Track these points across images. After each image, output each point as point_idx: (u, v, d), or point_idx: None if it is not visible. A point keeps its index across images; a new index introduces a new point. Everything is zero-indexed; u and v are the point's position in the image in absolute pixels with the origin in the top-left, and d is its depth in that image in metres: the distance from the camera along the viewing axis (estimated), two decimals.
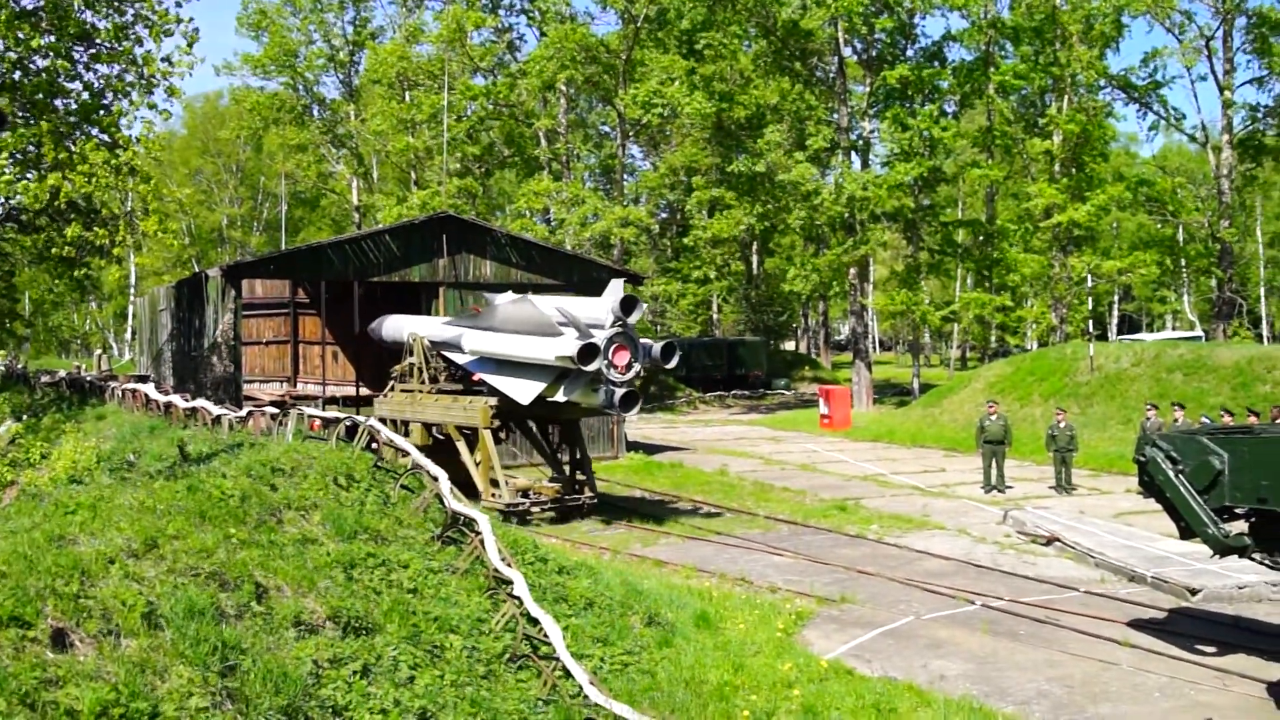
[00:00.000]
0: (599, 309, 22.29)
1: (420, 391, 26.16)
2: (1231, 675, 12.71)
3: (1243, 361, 34.73)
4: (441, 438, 25.70)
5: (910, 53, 52.77)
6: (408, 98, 60.18)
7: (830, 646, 13.89)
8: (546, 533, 21.28)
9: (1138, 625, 14.87)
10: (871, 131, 53.93)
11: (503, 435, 25.15)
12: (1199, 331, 61.65)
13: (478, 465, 24.21)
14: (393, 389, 27.30)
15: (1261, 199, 67.04)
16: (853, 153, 53.04)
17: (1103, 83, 53.34)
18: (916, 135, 48.05)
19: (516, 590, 11.28)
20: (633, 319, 22.06)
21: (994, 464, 27.14)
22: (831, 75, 55.67)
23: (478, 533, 12.29)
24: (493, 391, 24.07)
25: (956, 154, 50.70)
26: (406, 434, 25.43)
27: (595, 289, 30.09)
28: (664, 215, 67.31)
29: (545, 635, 10.66)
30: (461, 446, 24.51)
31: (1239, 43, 51.87)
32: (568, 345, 21.50)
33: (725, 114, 53.01)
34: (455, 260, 31.86)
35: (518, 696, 10.03)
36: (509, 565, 11.76)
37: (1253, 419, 24.90)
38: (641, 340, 22.36)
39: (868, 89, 53.03)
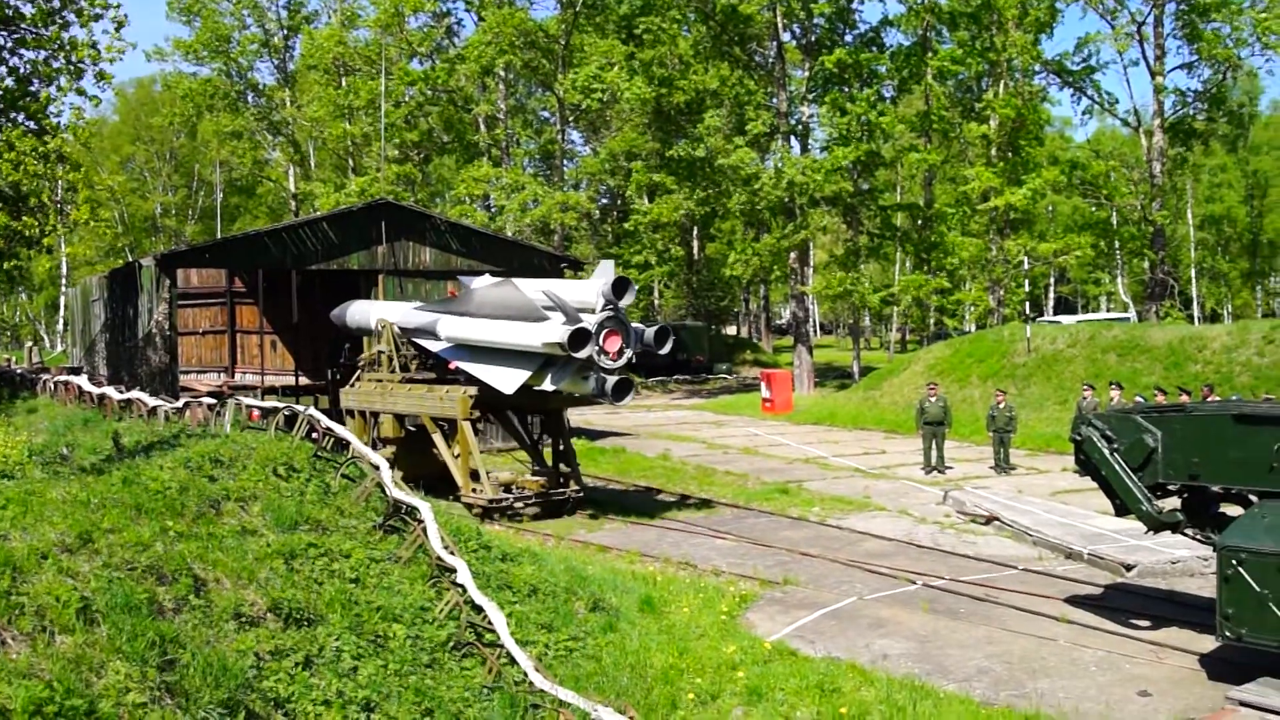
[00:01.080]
0: (587, 291, 21.29)
1: (391, 381, 24.90)
2: (1165, 648, 12.95)
3: (1175, 341, 35.34)
4: (413, 429, 24.94)
5: (849, 38, 52.98)
6: (344, 84, 59.57)
7: (774, 628, 13.98)
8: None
9: (1075, 601, 15.11)
10: (810, 116, 54.11)
11: (480, 426, 24.19)
12: (1130, 314, 62.66)
13: (456, 459, 23.00)
14: (359, 378, 26.09)
15: (1192, 182, 68.18)
16: (792, 137, 53.24)
17: (1038, 68, 54.00)
18: (855, 120, 48.32)
19: (460, 578, 11.24)
20: (624, 302, 21.01)
21: (934, 445, 27.44)
22: (770, 60, 55.84)
23: (420, 521, 12.23)
24: (470, 380, 22.86)
25: (895, 138, 51.06)
26: (376, 426, 24.93)
27: (535, 275, 30.04)
28: (604, 201, 67.26)
29: (489, 623, 10.63)
30: (438, 439, 23.49)
31: (1169, 28, 52.67)
32: (555, 331, 20.38)
33: (665, 99, 53.06)
34: (394, 248, 31.60)
35: (462, 684, 10.00)
36: (452, 553, 11.71)
37: (1184, 398, 25.38)
38: (633, 325, 21.41)
39: (806, 74, 53.22)
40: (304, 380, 37.35)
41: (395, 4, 55.80)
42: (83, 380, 26.13)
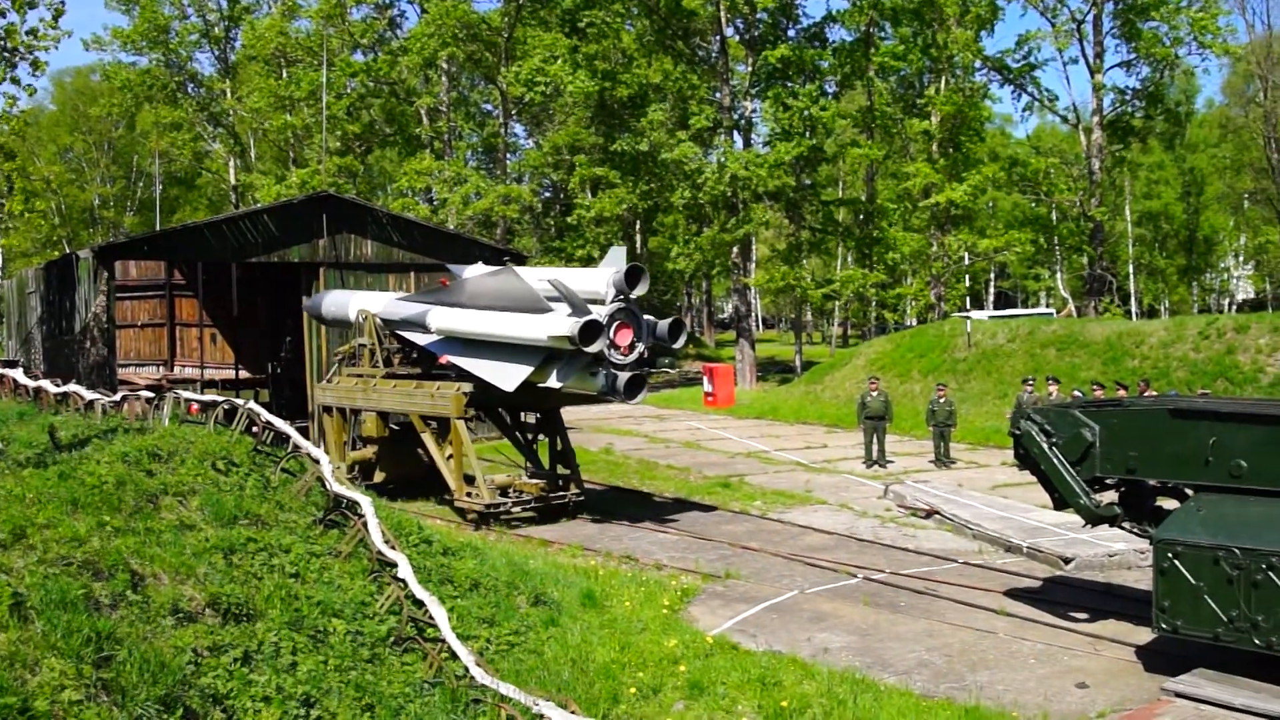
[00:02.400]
0: (596, 280, 19.67)
1: (374, 376, 23.32)
2: (1103, 640, 13.14)
3: (1113, 336, 35.85)
4: (396, 428, 23.81)
5: (792, 33, 53.26)
6: (285, 75, 58.92)
7: (715, 622, 14.02)
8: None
9: (1014, 594, 15.28)
10: (753, 111, 54.38)
11: (471, 425, 22.30)
12: (1051, 309, 63.46)
13: (448, 460, 21.50)
14: (337, 373, 24.73)
15: (1130, 179, 69.13)
16: (735, 132, 53.43)
17: (979, 64, 54.60)
18: (797, 115, 48.57)
19: (401, 573, 11.16)
20: (638, 292, 19.54)
21: (875, 439, 27.63)
22: (714, 55, 55.96)
23: (360, 515, 12.12)
24: (462, 376, 21.27)
25: (837, 134, 51.41)
26: (357, 423, 24.00)
27: None
28: (547, 194, 67.06)
29: (430, 617, 10.57)
30: (428, 438, 21.91)
31: (1108, 27, 53.42)
32: (563, 323, 18.84)
33: (608, 93, 52.97)
34: (335, 240, 31.32)
35: (403, 679, 9.93)
36: (393, 548, 11.63)
37: (1122, 392, 25.74)
38: (645, 317, 19.93)
39: (749, 69, 53.42)
40: (244, 374, 36.91)
41: None
42: (18, 373, 25.62)
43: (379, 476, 23.90)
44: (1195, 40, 50.22)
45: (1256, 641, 10.71)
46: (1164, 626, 11.45)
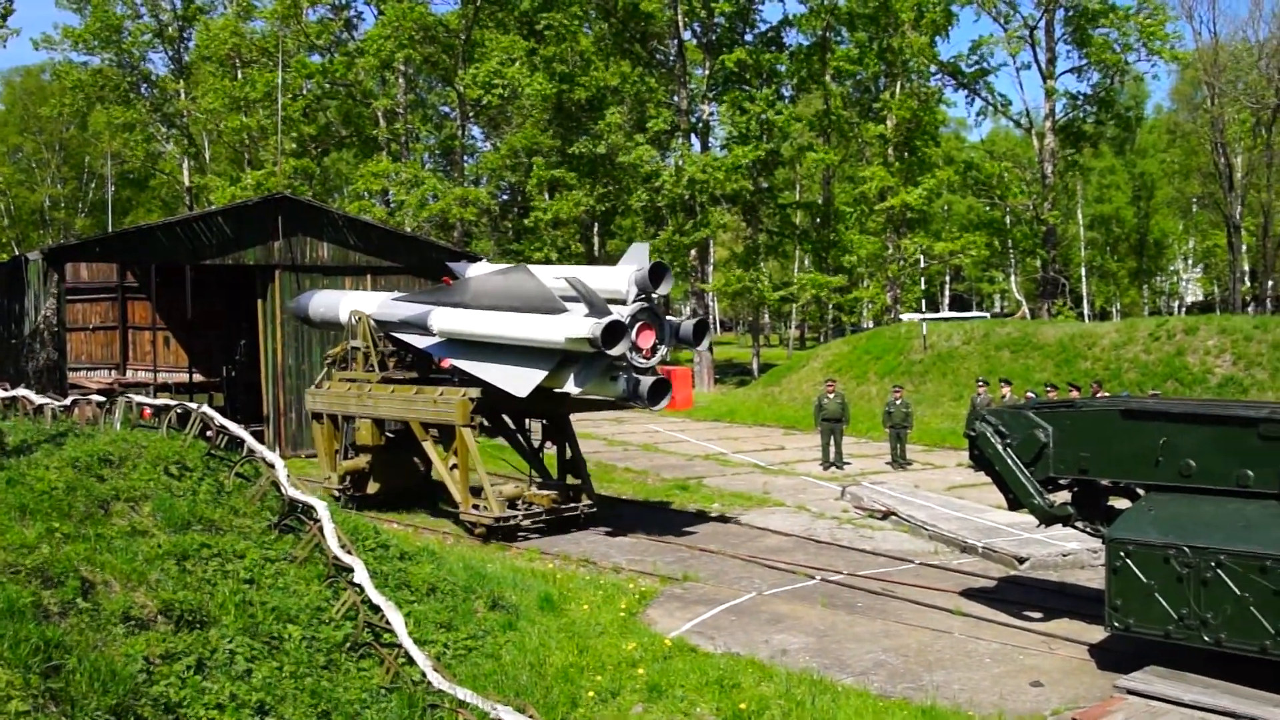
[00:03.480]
0: (616, 279, 18.54)
1: (369, 381, 22.09)
2: (1057, 639, 13.24)
3: (1065, 338, 36.23)
4: (391, 435, 22.63)
5: (749, 37, 53.46)
6: (240, 75, 58.41)
7: (674, 625, 14.01)
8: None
9: (969, 594, 15.38)
10: (711, 114, 54.51)
11: (476, 433, 20.89)
12: (985, 312, 64.03)
13: (452, 470, 20.25)
14: (327, 377, 23.54)
15: (1082, 183, 69.85)
16: (692, 135, 53.56)
17: (933, 69, 55.06)
18: (754, 119, 48.76)
19: (357, 577, 11.08)
20: (662, 291, 18.46)
21: (832, 441, 27.74)
22: (671, 58, 56.06)
23: (316, 520, 12.03)
24: (466, 381, 20.10)
25: (794, 137, 51.62)
26: (350, 431, 22.93)
27: (434, 271, 29.79)
28: (505, 197, 66.81)
29: (387, 622, 10.50)
30: (430, 448, 20.76)
31: (1060, 33, 54.03)
32: (583, 324, 17.60)
33: (566, 95, 52.95)
34: (291, 243, 31.10)
35: (359, 685, 9.86)
36: (349, 552, 11.54)
37: (1074, 393, 26.01)
38: (667, 318, 18.93)
39: (707, 72, 53.56)
40: (198, 378, 36.55)
41: None
42: None
43: (373, 487, 22.89)
44: (1144, 47, 50.99)
45: (1206, 638, 10.85)
46: (1116, 625, 11.56)
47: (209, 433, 15.06)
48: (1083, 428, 12.71)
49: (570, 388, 18.45)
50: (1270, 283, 57.11)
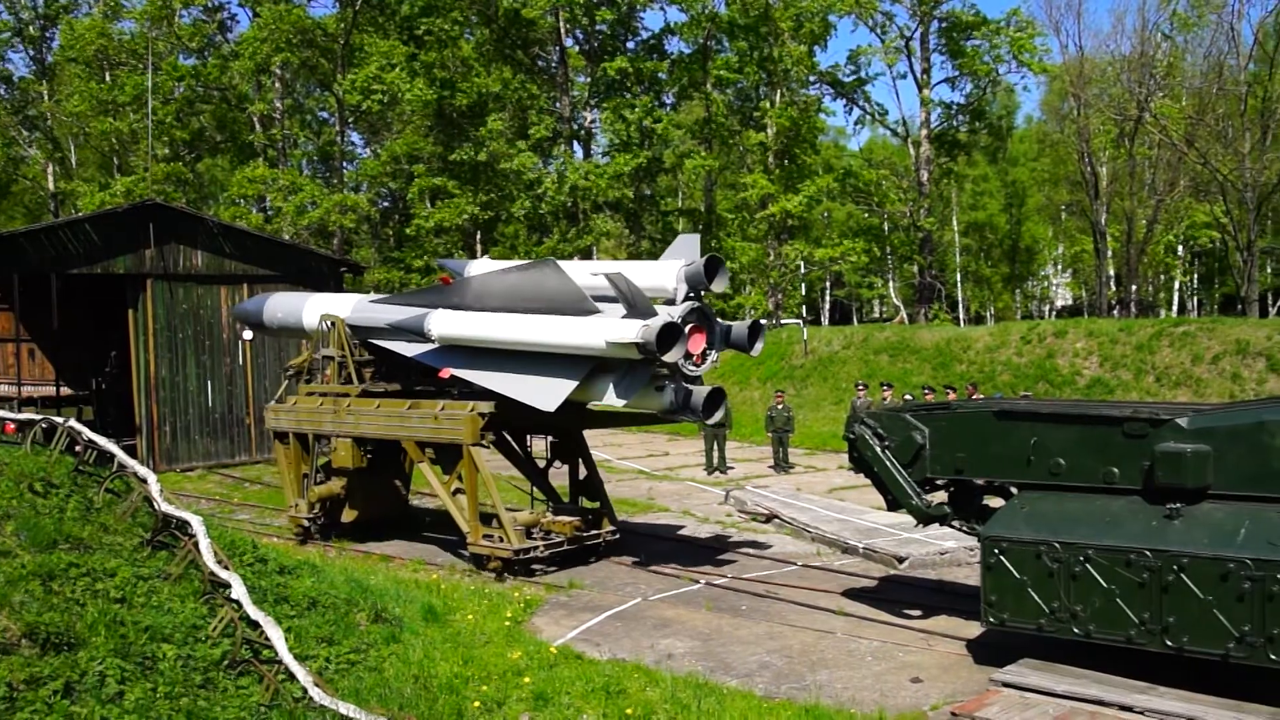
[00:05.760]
0: (662, 275, 16.17)
1: (348, 395, 19.34)
2: (936, 636, 13.53)
3: (942, 342, 37.07)
4: (369, 453, 19.75)
5: (631, 44, 53.70)
6: (108, 78, 56.76)
7: (560, 632, 13.99)
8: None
9: (851, 594, 15.62)
10: (593, 122, 54.60)
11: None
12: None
13: (456, 496, 17.91)
14: (291, 390, 21.01)
15: (957, 191, 71.49)
16: (575, 142, 53.58)
17: (812, 78, 55.92)
18: (635, 126, 48.98)
19: (235, 593, 10.83)
20: (716, 288, 16.21)
21: (715, 446, 27.95)
22: (553, 65, 56.03)
23: (191, 535, 11.73)
24: (466, 394, 17.64)
25: (675, 144, 51.96)
26: (320, 452, 20.23)
27: (313, 280, 29.32)
28: (385, 204, 66.02)
29: (266, 639, 10.29)
30: (428, 471, 18.23)
31: (934, 44, 55.32)
32: (628, 327, 15.15)
33: (447, 102, 52.53)
34: (164, 251, 30.32)
35: (238, 704, 9.64)
36: (226, 567, 11.28)
37: (951, 395, 26.63)
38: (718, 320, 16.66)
39: (589, 79, 53.62)
40: (65, 391, 35.33)
41: None
42: None
43: (349, 515, 20.74)
44: (1015, 59, 52.45)
45: (1076, 630, 11.19)
46: (992, 620, 11.85)
47: (77, 448, 14.59)
48: (958, 429, 13.01)
49: (611, 400, 16.02)
50: (1134, 287, 59.13)
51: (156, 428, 30.53)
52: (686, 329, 15.54)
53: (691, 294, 15.96)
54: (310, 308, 20.71)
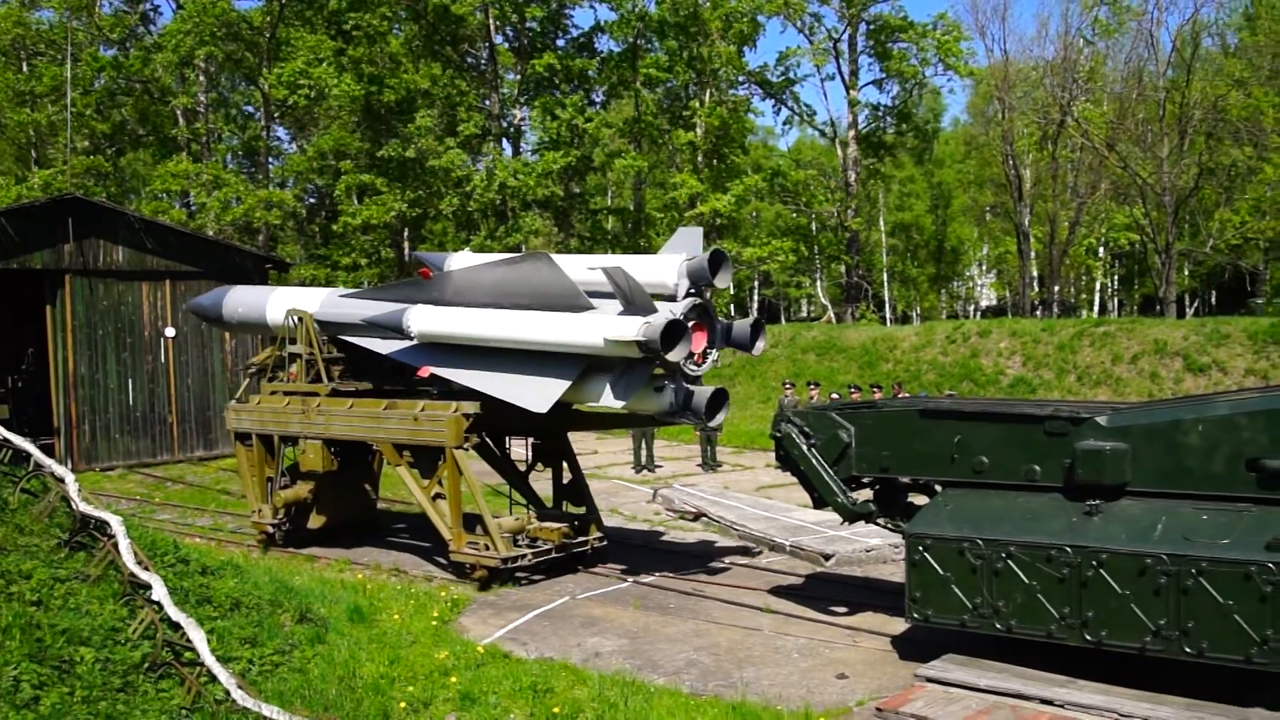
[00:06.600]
0: (663, 269, 15.35)
1: (318, 394, 18.43)
2: (861, 632, 13.66)
3: (868, 342, 37.45)
4: (335, 454, 18.66)
5: (561, 42, 53.56)
6: (25, 68, 55.48)
7: (487, 631, 13.94)
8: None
9: (778, 592, 15.73)
10: (522, 119, 54.42)
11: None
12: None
13: (436, 502, 17.07)
14: (252, 389, 20.22)
15: (884, 192, 72.24)
16: (504, 140, 53.38)
17: (741, 78, 56.19)
18: (565, 124, 48.90)
19: (155, 595, 10.66)
20: (720, 284, 15.44)
21: (643, 445, 28.00)
22: (483, 62, 55.75)
23: (110, 536, 11.52)
24: (449, 394, 17.06)
25: (604, 143, 51.95)
26: (283, 455, 19.53)
27: (238, 277, 28.88)
28: (312, 200, 65.25)
29: (188, 640, 10.15)
30: (406, 474, 17.35)
31: (862, 46, 55.87)
32: (628, 324, 14.44)
33: (375, 97, 52.03)
34: (83, 246, 29.71)
35: (159, 708, 9.50)
36: (146, 568, 11.10)
37: (877, 394, 26.90)
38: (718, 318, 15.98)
39: (519, 76, 53.43)
40: None
41: None
42: None
43: (316, 521, 19.90)
44: (941, 62, 53.12)
45: (998, 626, 11.35)
46: (916, 616, 11.99)
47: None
48: (883, 428, 13.15)
49: (609, 402, 15.26)
50: (1056, 288, 60.18)
51: (75, 426, 29.93)
52: (688, 327, 14.91)
53: (693, 290, 15.31)
54: (275, 302, 19.71)
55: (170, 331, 31.25)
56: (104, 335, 30.31)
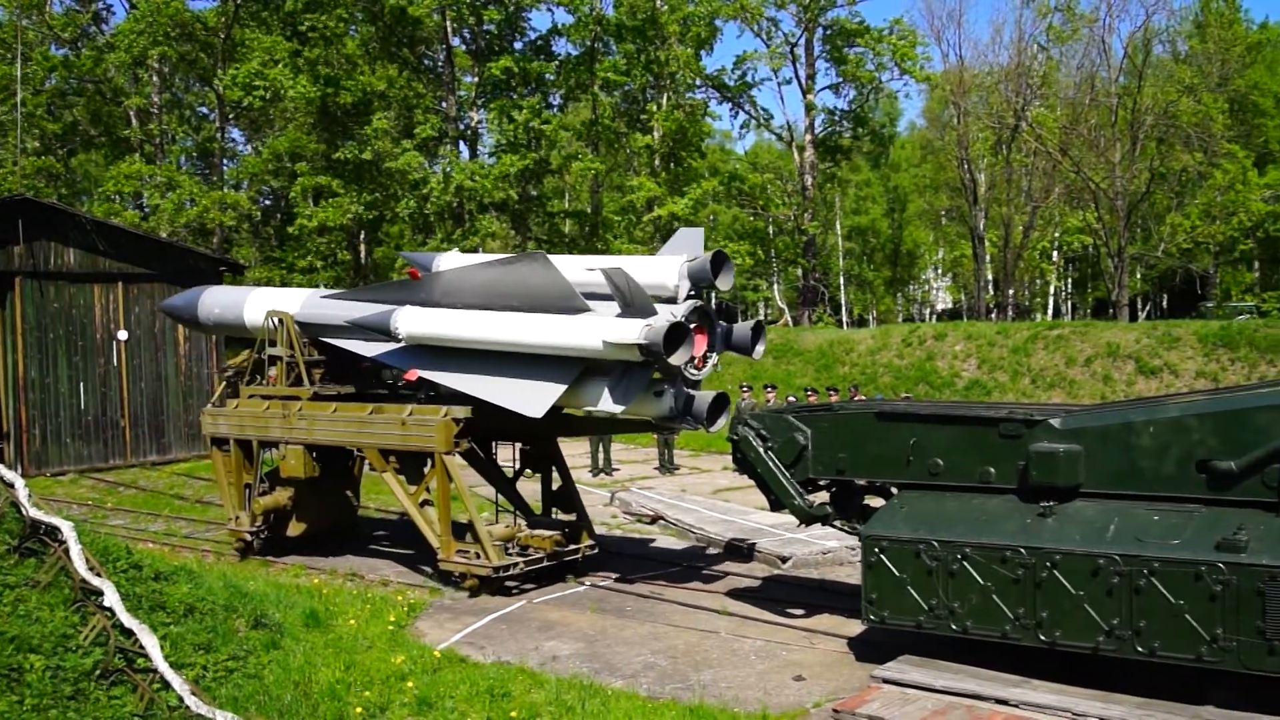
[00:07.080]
0: (663, 271, 14.97)
1: (299, 398, 17.91)
2: (818, 634, 13.71)
3: (825, 345, 37.63)
4: (317, 460, 18.06)
5: (518, 45, 53.47)
6: None
7: (444, 636, 13.88)
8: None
9: (735, 594, 15.77)
10: (479, 122, 54.28)
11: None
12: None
13: (423, 509, 16.71)
14: (230, 393, 19.47)
15: (840, 195, 72.65)
16: (461, 142, 53.20)
17: (699, 82, 56.32)
18: (522, 127, 48.83)
19: (107, 601, 10.52)
20: (723, 286, 15.24)
21: (601, 447, 27.98)
22: (440, 64, 55.56)
23: (61, 542, 11.37)
24: (433, 398, 16.88)
25: (562, 146, 51.92)
26: (261, 461, 19.04)
27: (192, 279, 28.58)
28: (267, 202, 64.77)
29: (141, 647, 10.03)
30: (392, 481, 17.00)
31: (819, 51, 56.15)
32: (628, 326, 14.08)
33: (331, 99, 51.72)
34: (33, 248, 29.31)
35: (111, 715, 9.38)
36: (98, 574, 10.96)
37: (833, 397, 27.04)
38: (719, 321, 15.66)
39: (476, 79, 53.29)
40: None
41: None
42: None
43: (296, 528, 19.42)
44: (897, 67, 53.52)
45: (954, 626, 11.44)
46: (873, 618, 12.06)
47: None
48: (839, 430, 13.22)
49: (607, 407, 14.86)
50: (1011, 291, 60.74)
51: (25, 431, 29.50)
52: (691, 329, 14.65)
53: (693, 292, 15.04)
54: (253, 303, 19.12)
55: (123, 335, 30.88)
56: (55, 338, 29.91)
